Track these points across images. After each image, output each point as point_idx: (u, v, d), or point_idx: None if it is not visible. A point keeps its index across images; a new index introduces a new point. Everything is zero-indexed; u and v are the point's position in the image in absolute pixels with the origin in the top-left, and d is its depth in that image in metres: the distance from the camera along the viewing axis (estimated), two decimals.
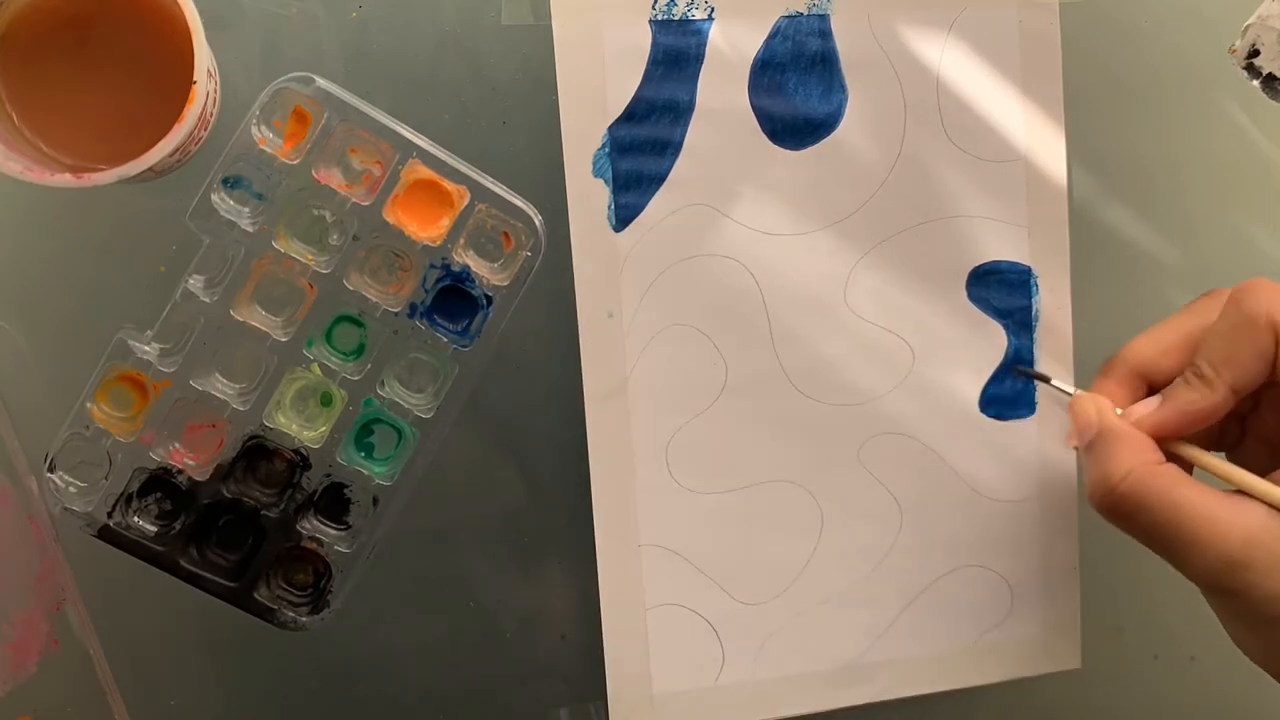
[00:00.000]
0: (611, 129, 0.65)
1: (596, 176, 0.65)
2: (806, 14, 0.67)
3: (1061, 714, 0.77)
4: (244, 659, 0.69)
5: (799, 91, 0.67)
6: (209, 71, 0.59)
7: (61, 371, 0.65)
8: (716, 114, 0.66)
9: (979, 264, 0.70)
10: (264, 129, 0.60)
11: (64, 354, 0.66)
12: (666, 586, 0.68)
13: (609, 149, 0.65)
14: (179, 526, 0.61)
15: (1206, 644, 0.59)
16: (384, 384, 0.62)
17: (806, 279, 0.68)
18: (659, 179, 0.66)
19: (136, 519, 0.61)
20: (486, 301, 0.62)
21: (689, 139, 0.66)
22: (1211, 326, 0.61)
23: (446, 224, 0.61)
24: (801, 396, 0.68)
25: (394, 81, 0.67)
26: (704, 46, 0.66)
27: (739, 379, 0.68)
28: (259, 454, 0.62)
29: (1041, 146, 0.70)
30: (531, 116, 0.68)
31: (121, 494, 0.60)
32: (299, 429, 0.62)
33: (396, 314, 0.61)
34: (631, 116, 0.65)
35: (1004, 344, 0.70)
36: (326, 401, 0.62)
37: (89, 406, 0.60)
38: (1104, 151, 0.74)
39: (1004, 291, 0.70)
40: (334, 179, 0.61)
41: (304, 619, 0.62)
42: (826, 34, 0.67)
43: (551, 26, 0.64)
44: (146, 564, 0.61)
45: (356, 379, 0.61)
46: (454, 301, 0.62)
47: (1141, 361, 0.64)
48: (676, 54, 0.66)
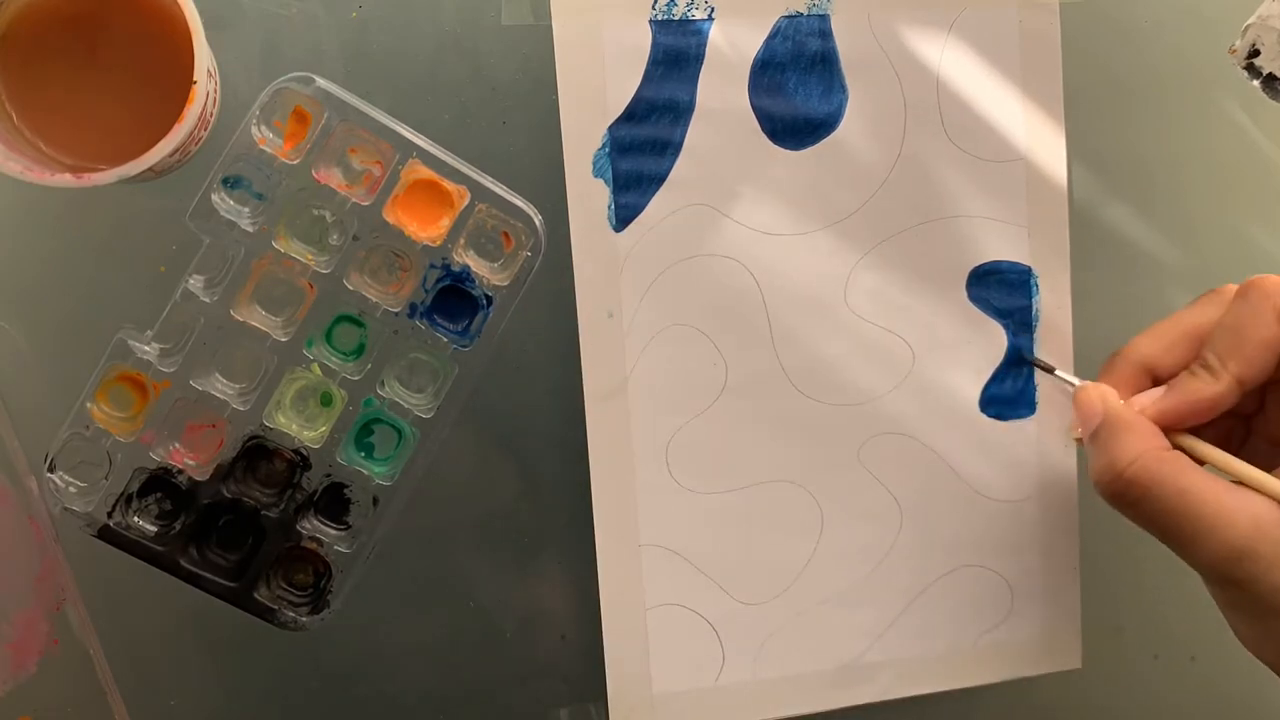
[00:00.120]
0: (611, 129, 0.65)
1: (596, 176, 0.65)
2: (806, 14, 0.67)
3: (1061, 714, 0.77)
4: (244, 659, 0.69)
5: (799, 91, 0.67)
6: (209, 71, 0.59)
7: (61, 371, 0.65)
8: (716, 114, 0.66)
9: (979, 264, 0.70)
10: (264, 129, 0.60)
11: (64, 354, 0.66)
12: (666, 586, 0.68)
13: (609, 149, 0.65)
14: (179, 526, 0.61)
15: (1206, 644, 0.59)
16: (384, 384, 0.62)
17: (806, 279, 0.68)
18: (659, 179, 0.66)
19: (136, 519, 0.61)
20: (486, 301, 0.62)
21: (689, 139, 0.66)
22: (1219, 319, 0.61)
23: (446, 224, 0.61)
24: (801, 396, 0.68)
25: (394, 81, 0.67)
26: (704, 46, 0.66)
27: (739, 379, 0.68)
28: (259, 454, 0.62)
29: (1041, 146, 0.70)
30: (531, 116, 0.68)
31: (121, 494, 0.60)
32: (299, 429, 0.62)
33: (396, 314, 0.61)
34: (631, 116, 0.65)
35: (1004, 344, 0.70)
36: (326, 401, 0.62)
37: (89, 406, 0.60)
38: (1104, 151, 0.74)
39: (1004, 291, 0.70)
40: (334, 179, 0.61)
41: (304, 619, 0.62)
42: (826, 34, 0.67)
43: (551, 26, 0.64)
44: (146, 564, 0.61)
45: (356, 379, 0.61)
46: (454, 301, 0.62)
47: (1145, 357, 0.64)
48: (676, 54, 0.66)
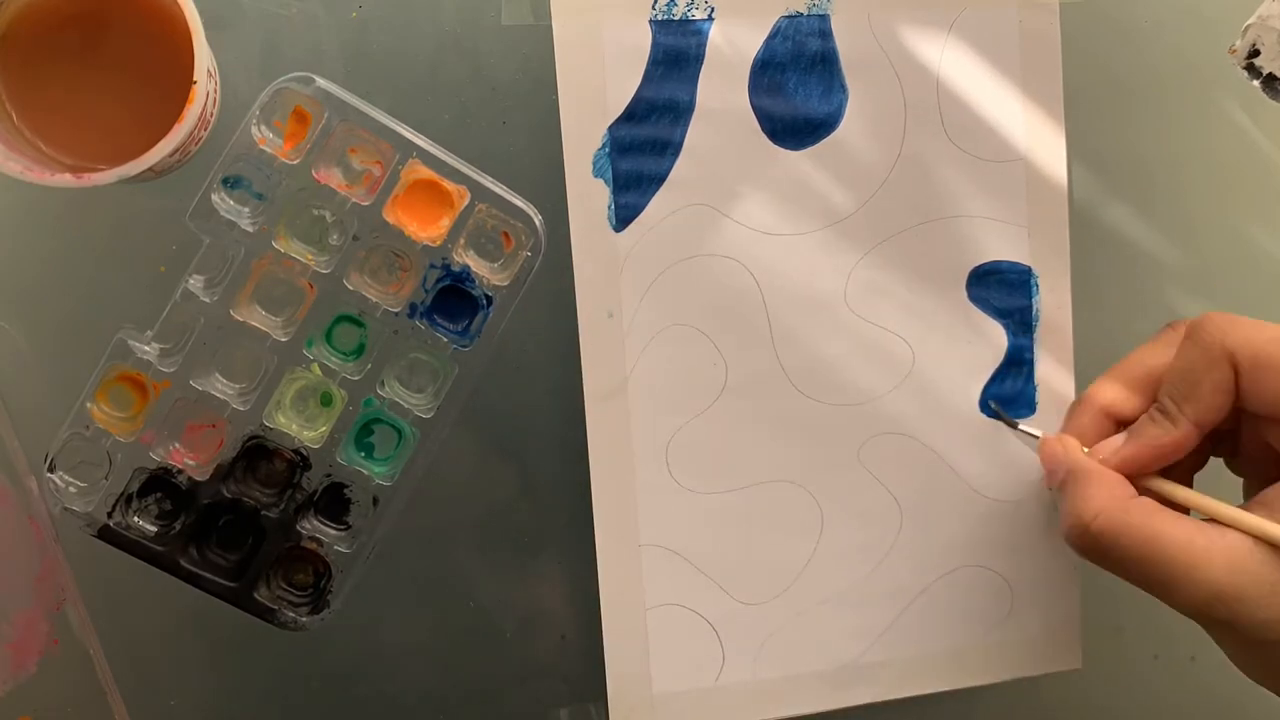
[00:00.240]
0: (611, 129, 0.65)
1: (596, 176, 0.65)
2: (806, 14, 0.67)
3: (1061, 714, 0.77)
4: (244, 659, 0.69)
5: (799, 91, 0.67)
6: (209, 71, 0.59)
7: (61, 371, 0.65)
8: (716, 114, 0.66)
9: (979, 264, 0.70)
10: (264, 129, 0.60)
11: (64, 354, 0.66)
12: (666, 586, 0.68)
13: (609, 149, 0.65)
14: (179, 526, 0.61)
15: (1206, 644, 0.59)
16: (384, 384, 0.62)
17: (806, 279, 0.68)
18: (659, 179, 0.66)
19: (136, 519, 0.61)
20: (486, 301, 0.62)
21: (689, 139, 0.66)
22: (1172, 362, 0.62)
23: (446, 224, 0.61)
24: (801, 396, 0.68)
25: (394, 81, 0.67)
26: (704, 46, 0.66)
27: (739, 379, 0.68)
28: (259, 454, 0.62)
29: (1041, 146, 0.70)
30: (531, 116, 0.68)
31: (121, 494, 0.60)
32: (299, 429, 0.62)
33: (396, 314, 0.61)
34: (631, 116, 0.65)
35: (1004, 344, 0.70)
36: (326, 401, 0.62)
37: (89, 406, 0.60)
38: (1104, 151, 0.74)
39: (1004, 291, 0.70)
40: (334, 179, 0.61)
41: (304, 619, 0.62)
42: (826, 34, 0.67)
43: (551, 26, 0.64)
44: (146, 564, 0.61)
45: (356, 379, 0.61)
46: (454, 301, 0.62)
47: (1108, 400, 0.65)
48: (676, 54, 0.66)
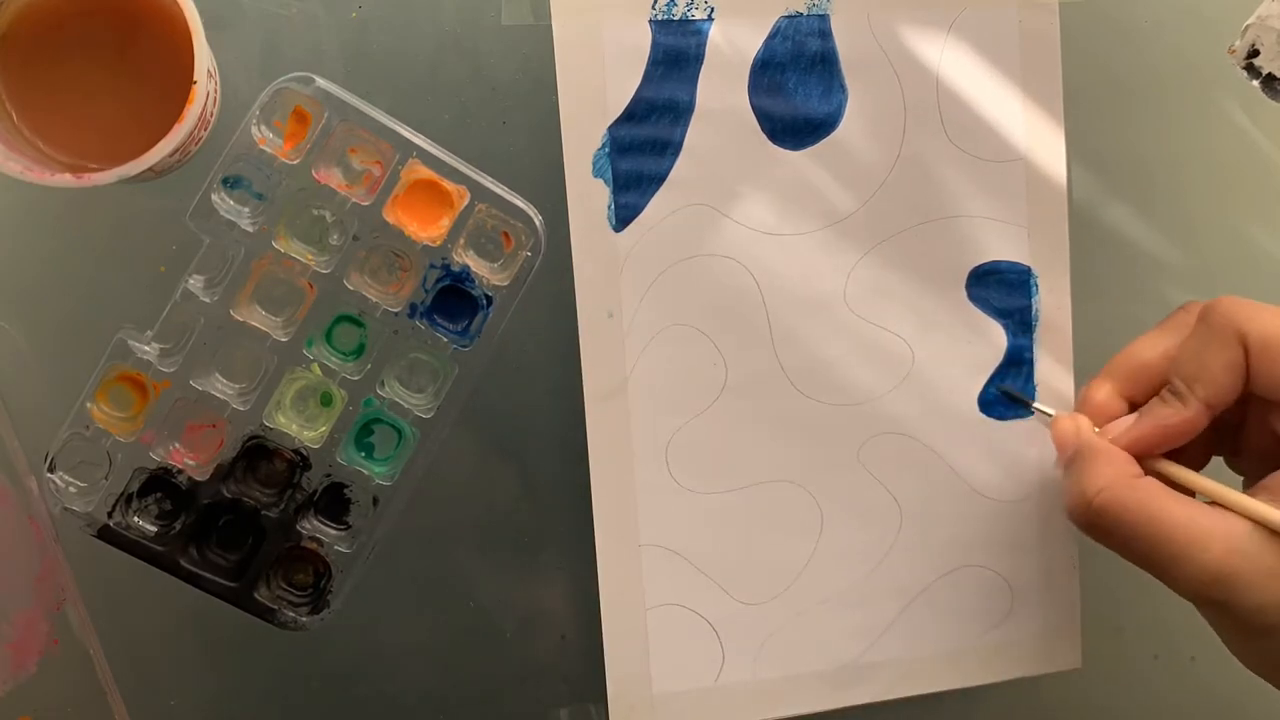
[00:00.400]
0: (611, 129, 0.65)
1: (596, 176, 0.65)
2: (806, 14, 0.67)
3: (1061, 714, 0.77)
4: (244, 659, 0.69)
5: (799, 91, 0.67)
6: (209, 71, 0.59)
7: (61, 371, 0.65)
8: (716, 114, 0.66)
9: (979, 264, 0.70)
10: (264, 129, 0.60)
11: (64, 354, 0.66)
12: (666, 586, 0.68)
13: (609, 149, 0.65)
14: (179, 526, 0.61)
15: (1206, 644, 0.59)
16: (384, 384, 0.62)
17: (806, 279, 0.68)
18: (659, 179, 0.66)
19: (136, 519, 0.61)
20: (486, 301, 0.62)
21: (689, 139, 0.66)
22: (1183, 343, 0.62)
23: (446, 224, 0.61)
24: (801, 396, 0.68)
25: (394, 81, 0.67)
26: (704, 46, 0.66)
27: (739, 379, 0.68)
28: (259, 454, 0.62)
29: (1041, 146, 0.70)
30: (531, 116, 0.68)
31: (121, 494, 0.60)
32: (299, 429, 0.62)
33: (396, 314, 0.61)
34: (631, 116, 0.65)
35: (1004, 344, 0.70)
36: (326, 401, 0.62)
37: (89, 406, 0.60)
38: (1104, 151, 0.74)
39: (1004, 291, 0.70)
40: (334, 179, 0.61)
41: (304, 619, 0.62)
42: (826, 34, 0.67)
43: (551, 26, 0.64)
44: (146, 564, 0.61)
45: (356, 379, 0.61)
46: (454, 301, 0.62)
47: (1121, 379, 0.65)
48: (676, 54, 0.66)
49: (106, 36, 0.61)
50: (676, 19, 0.65)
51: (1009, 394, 0.70)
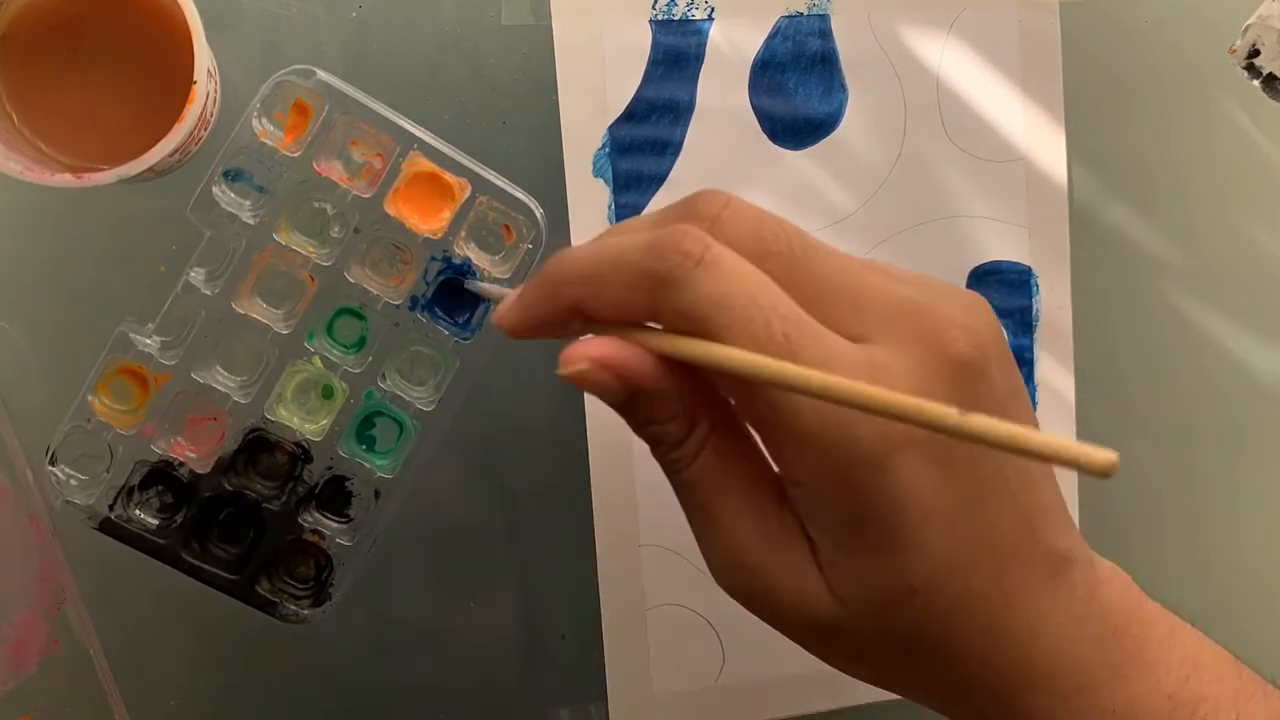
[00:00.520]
0: (611, 129, 0.66)
1: (596, 176, 0.65)
2: (806, 14, 0.67)
3: None
4: (244, 659, 0.69)
5: (799, 91, 0.67)
6: (209, 71, 0.60)
7: (61, 372, 0.65)
8: (716, 114, 0.67)
9: (979, 264, 0.70)
10: (265, 122, 0.60)
11: (64, 354, 0.66)
12: (666, 586, 0.68)
13: (609, 149, 0.66)
14: (180, 519, 0.61)
15: None
16: (385, 377, 0.62)
17: None
18: (659, 179, 0.66)
19: (138, 512, 0.61)
20: None
21: (689, 139, 0.66)
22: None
23: (447, 216, 0.61)
24: None
25: (394, 81, 0.67)
26: (704, 46, 0.66)
27: None
28: (260, 447, 0.62)
29: (1041, 146, 0.70)
30: (531, 116, 0.68)
31: (123, 487, 0.60)
32: (300, 422, 0.62)
33: (398, 307, 0.61)
34: (631, 116, 0.66)
35: None
36: (328, 394, 0.62)
37: (90, 399, 0.59)
38: (1104, 151, 0.74)
39: (1004, 291, 0.70)
40: (335, 171, 0.61)
41: (305, 612, 0.61)
42: (826, 34, 0.67)
43: (551, 26, 0.65)
44: (147, 562, 0.61)
45: (358, 372, 0.61)
46: (455, 294, 0.62)
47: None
48: (676, 54, 0.66)
49: (106, 36, 0.61)
50: (676, 19, 0.66)
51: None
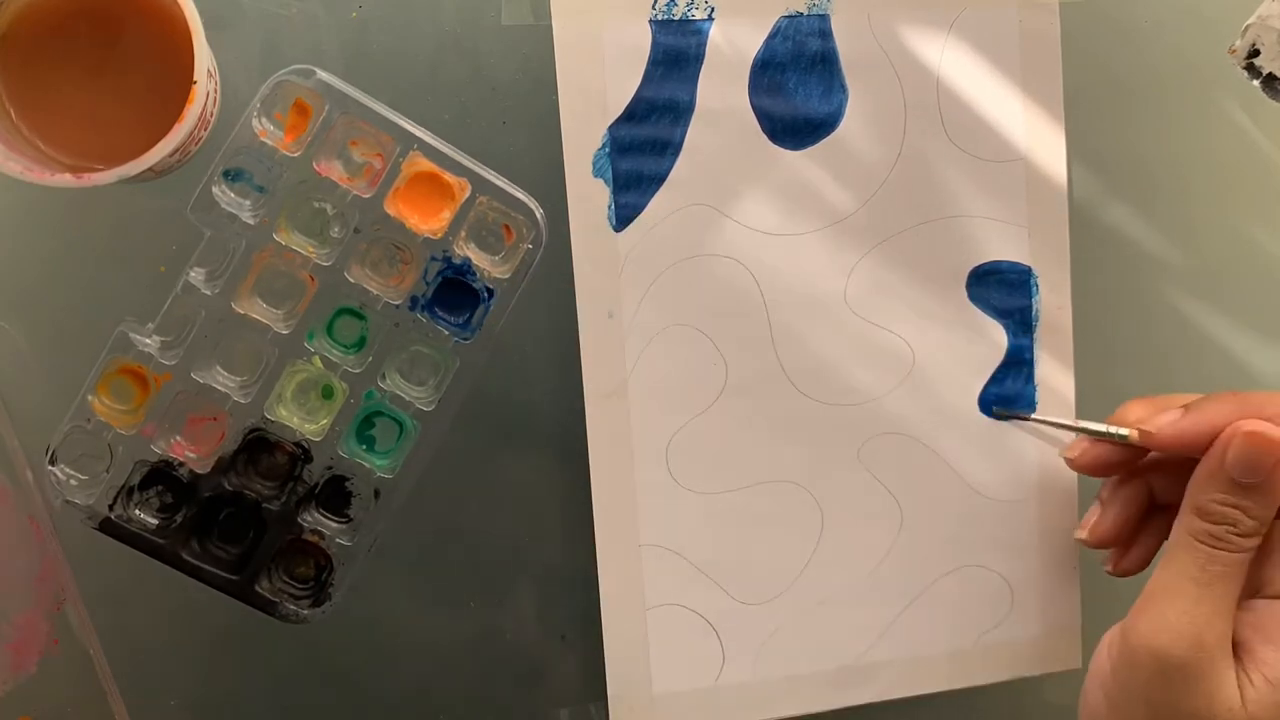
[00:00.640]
0: (611, 129, 0.65)
1: (596, 176, 0.65)
2: (806, 14, 0.67)
3: (1061, 714, 0.77)
4: (243, 659, 0.69)
5: (799, 91, 0.67)
6: (209, 71, 0.59)
7: (61, 372, 0.65)
8: (716, 114, 0.66)
9: (979, 264, 0.70)
10: (265, 122, 0.60)
11: (64, 354, 0.66)
12: (666, 586, 0.68)
13: (609, 149, 0.65)
14: (180, 519, 0.61)
15: None
16: (385, 377, 0.62)
17: (806, 279, 0.68)
18: (659, 179, 0.66)
19: (138, 512, 0.61)
20: (488, 294, 0.62)
21: (689, 139, 0.66)
22: None
23: (447, 216, 0.61)
24: (801, 396, 0.68)
25: (394, 81, 0.67)
26: (704, 46, 0.66)
27: (739, 379, 0.68)
28: (260, 447, 0.62)
29: (1041, 146, 0.70)
30: (531, 116, 0.68)
31: (123, 487, 0.60)
32: (300, 422, 0.62)
33: (397, 306, 0.61)
34: (631, 116, 0.66)
35: (1004, 344, 0.70)
36: (328, 394, 0.62)
37: (90, 399, 0.60)
38: (1104, 151, 0.74)
39: (1004, 291, 0.70)
40: (335, 171, 0.61)
41: (305, 612, 0.62)
42: (826, 34, 0.67)
43: (551, 26, 0.64)
44: (147, 562, 0.61)
45: (358, 372, 0.61)
46: (455, 294, 0.62)
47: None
48: (676, 54, 0.66)
49: (106, 36, 0.61)
50: (676, 19, 0.66)
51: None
